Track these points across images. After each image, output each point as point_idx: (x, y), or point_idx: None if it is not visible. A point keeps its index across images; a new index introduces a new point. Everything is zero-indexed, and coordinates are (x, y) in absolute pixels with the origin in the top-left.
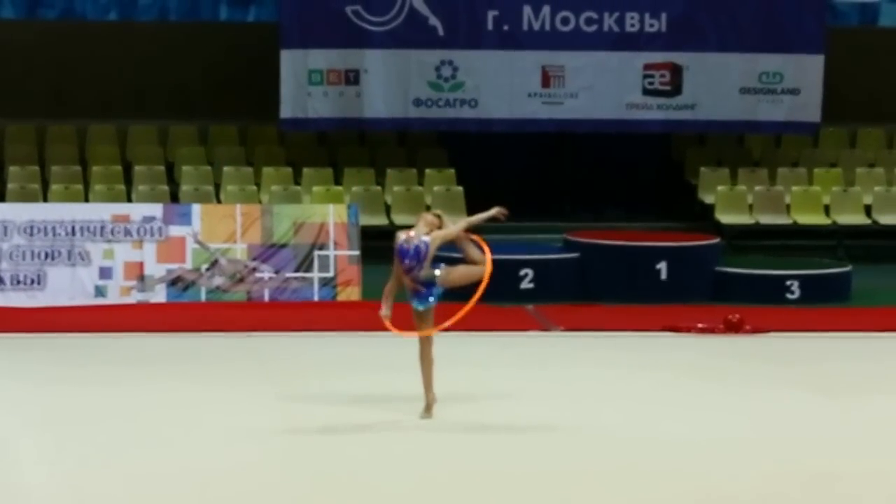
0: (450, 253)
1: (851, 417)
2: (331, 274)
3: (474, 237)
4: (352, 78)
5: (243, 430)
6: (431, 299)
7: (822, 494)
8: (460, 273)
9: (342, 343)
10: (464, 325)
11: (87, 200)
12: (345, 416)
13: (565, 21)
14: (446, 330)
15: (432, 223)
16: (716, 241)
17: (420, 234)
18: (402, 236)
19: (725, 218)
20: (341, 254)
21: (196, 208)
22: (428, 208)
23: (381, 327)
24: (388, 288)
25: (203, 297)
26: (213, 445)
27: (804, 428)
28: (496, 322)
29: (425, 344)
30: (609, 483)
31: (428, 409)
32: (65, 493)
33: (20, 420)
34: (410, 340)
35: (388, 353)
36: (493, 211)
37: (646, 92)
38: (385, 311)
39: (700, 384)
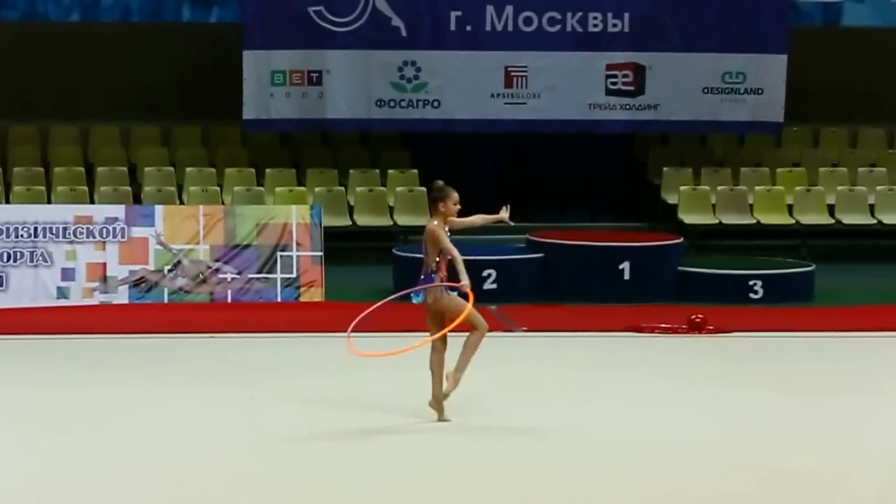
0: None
1: (814, 417)
2: (294, 275)
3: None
4: (314, 79)
5: (206, 431)
6: (420, 297)
7: (783, 493)
8: (448, 304)
9: (305, 344)
10: (427, 327)
11: (49, 202)
12: (308, 417)
13: (528, 21)
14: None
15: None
16: (679, 240)
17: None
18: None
19: (688, 218)
20: (304, 255)
21: (159, 209)
22: (390, 209)
23: (345, 328)
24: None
25: (166, 298)
26: (175, 448)
27: (766, 427)
28: (459, 323)
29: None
30: (571, 483)
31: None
32: (27, 496)
33: None
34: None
35: (350, 352)
36: (503, 213)
37: (609, 92)
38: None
39: (663, 384)
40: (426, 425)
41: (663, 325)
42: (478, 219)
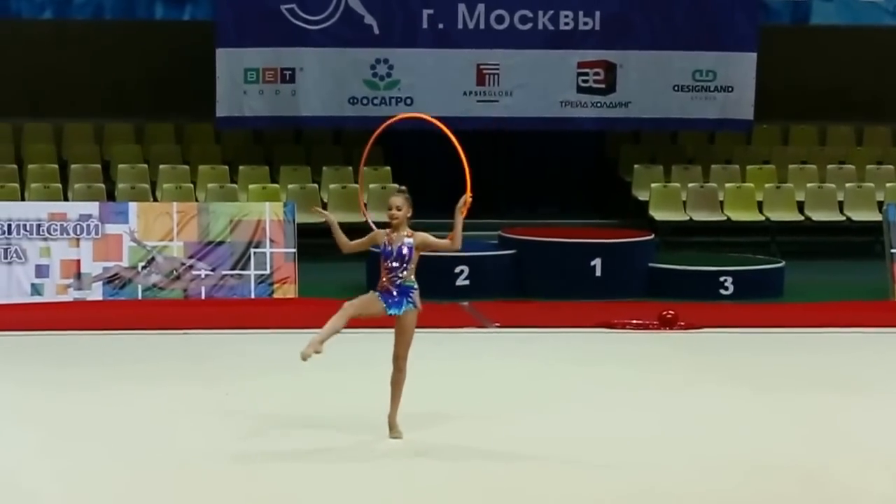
0: None
1: (785, 412)
2: (267, 271)
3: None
4: (287, 76)
5: (180, 428)
6: (402, 308)
7: (755, 488)
8: (412, 324)
9: (279, 340)
10: None
11: (23, 199)
12: (281, 415)
13: (500, 19)
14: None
15: (404, 214)
16: (650, 237)
17: (402, 236)
18: (382, 235)
19: (659, 214)
20: (278, 251)
21: (132, 206)
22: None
23: (318, 325)
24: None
25: (140, 294)
26: (147, 445)
27: (737, 422)
28: (432, 319)
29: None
30: (542, 479)
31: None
32: None
33: None
34: (348, 338)
35: (327, 350)
36: (462, 203)
37: (580, 90)
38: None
39: (634, 380)
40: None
41: (635, 322)
42: (447, 241)
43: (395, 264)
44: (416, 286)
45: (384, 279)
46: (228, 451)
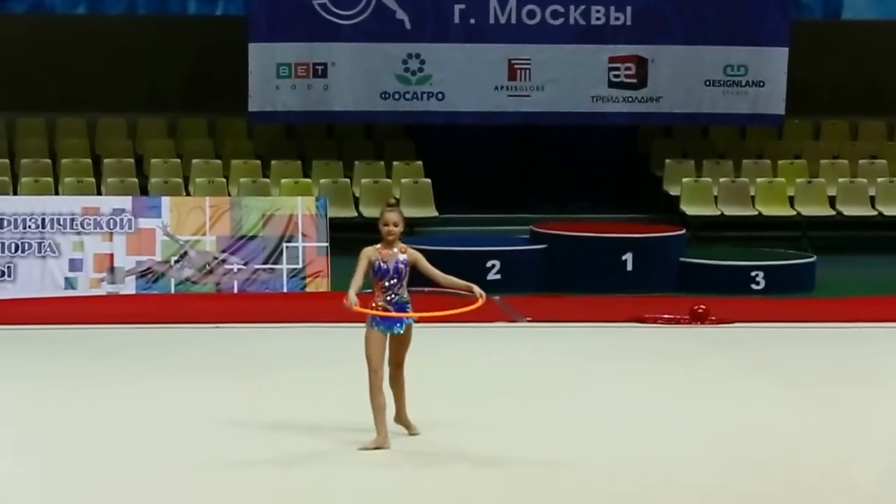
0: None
1: (815, 407)
2: (299, 265)
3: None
4: (319, 71)
5: (211, 422)
6: (403, 325)
7: (781, 483)
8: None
9: (311, 334)
10: (432, 317)
11: (56, 193)
12: (314, 407)
13: (531, 14)
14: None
15: (400, 230)
16: (681, 232)
17: (395, 252)
18: (373, 253)
19: (691, 209)
20: (310, 245)
21: (165, 201)
22: (397, 201)
23: (350, 319)
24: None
25: (172, 288)
26: (177, 438)
27: (767, 417)
28: (463, 313)
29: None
30: (569, 471)
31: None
32: (33, 488)
33: None
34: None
35: (357, 343)
36: (473, 289)
37: (611, 85)
38: (352, 297)
39: (664, 374)
40: (431, 416)
41: (666, 316)
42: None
43: (392, 281)
44: (409, 301)
45: (379, 300)
46: (256, 446)
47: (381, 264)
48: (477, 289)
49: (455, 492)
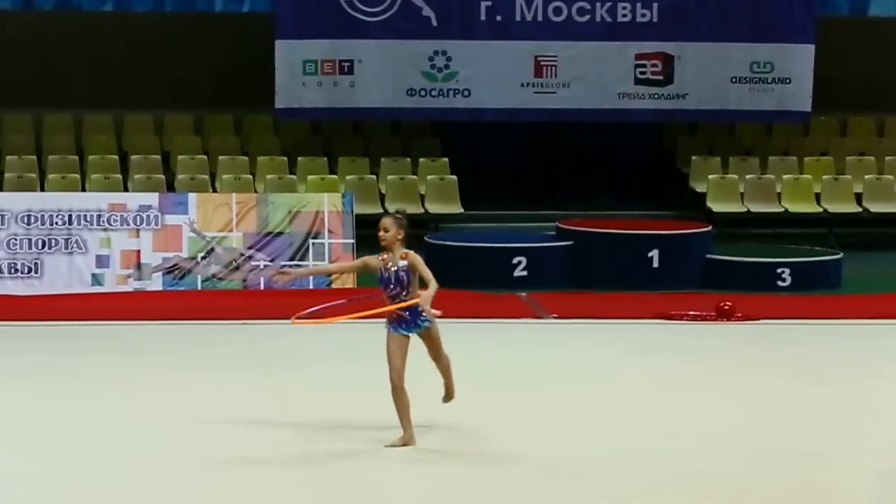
0: None
1: (841, 404)
2: (326, 262)
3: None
4: (346, 68)
5: (237, 418)
6: (420, 327)
7: (806, 479)
8: (437, 331)
9: (336, 330)
10: (458, 313)
11: (83, 190)
12: (340, 403)
13: (557, 11)
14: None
15: (392, 236)
16: (707, 228)
17: (396, 258)
18: (374, 261)
19: (717, 206)
20: (336, 242)
21: (192, 197)
22: (421, 197)
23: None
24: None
25: (199, 285)
26: (203, 434)
27: (793, 414)
28: (490, 309)
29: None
30: (598, 466)
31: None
32: (59, 482)
33: (21, 404)
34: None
35: (383, 340)
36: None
37: (638, 81)
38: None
39: (690, 371)
40: (454, 412)
41: (692, 313)
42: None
43: (396, 290)
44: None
45: (390, 306)
46: (283, 442)
47: (383, 273)
48: (423, 297)
49: (481, 487)
